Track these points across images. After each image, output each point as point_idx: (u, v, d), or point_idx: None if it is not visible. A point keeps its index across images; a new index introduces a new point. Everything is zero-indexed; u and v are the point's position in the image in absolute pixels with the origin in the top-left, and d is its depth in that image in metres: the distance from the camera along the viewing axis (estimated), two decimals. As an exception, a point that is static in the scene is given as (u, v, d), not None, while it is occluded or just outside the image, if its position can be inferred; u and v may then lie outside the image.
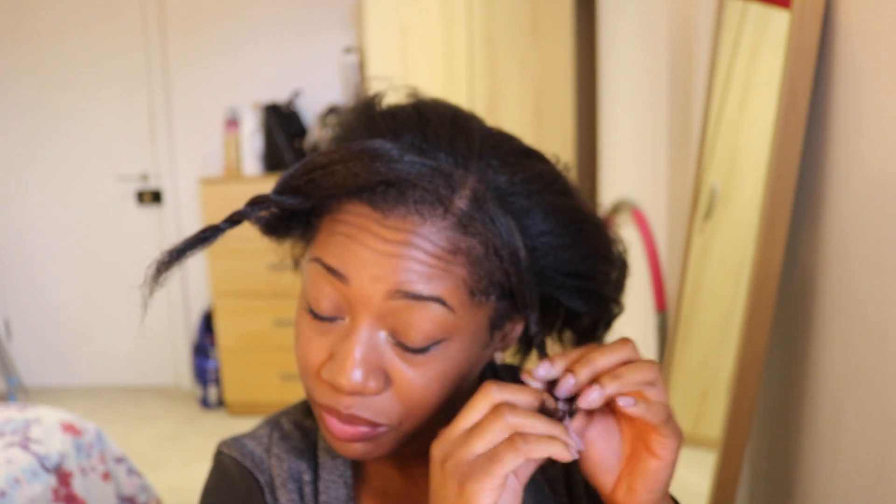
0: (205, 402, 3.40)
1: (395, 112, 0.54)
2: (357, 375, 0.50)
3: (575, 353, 0.48)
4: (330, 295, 0.51)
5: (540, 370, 0.48)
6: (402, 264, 0.49)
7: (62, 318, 3.72)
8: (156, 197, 3.58)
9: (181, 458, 2.92)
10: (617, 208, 2.23)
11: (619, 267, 0.59)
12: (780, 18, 0.97)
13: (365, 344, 0.50)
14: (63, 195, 3.61)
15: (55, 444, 1.67)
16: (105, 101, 3.53)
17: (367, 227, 0.49)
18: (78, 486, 1.67)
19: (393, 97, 0.58)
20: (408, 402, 0.52)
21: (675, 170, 1.63)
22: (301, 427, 0.65)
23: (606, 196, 2.56)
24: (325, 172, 0.50)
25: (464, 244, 0.50)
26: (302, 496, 0.60)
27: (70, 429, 1.75)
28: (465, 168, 0.51)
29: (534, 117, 2.80)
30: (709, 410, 1.17)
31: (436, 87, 2.81)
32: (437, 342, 0.50)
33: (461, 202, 0.50)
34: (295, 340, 0.55)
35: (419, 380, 0.51)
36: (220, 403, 3.39)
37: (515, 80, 2.80)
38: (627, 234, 2.09)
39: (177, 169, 3.55)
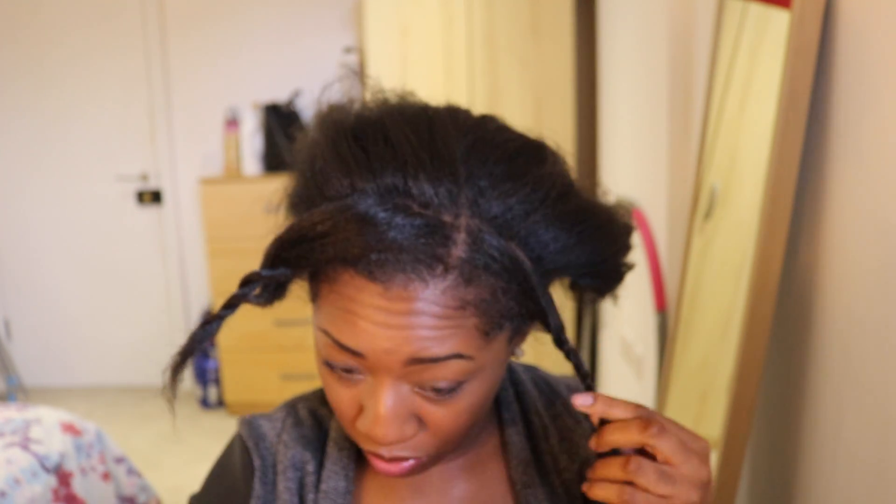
0: (205, 402, 3.40)
1: (366, 146, 0.50)
2: (391, 431, 0.51)
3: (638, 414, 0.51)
4: (346, 361, 0.51)
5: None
6: (413, 334, 0.48)
7: (62, 318, 3.72)
8: (156, 197, 3.57)
9: (181, 458, 2.92)
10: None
11: (624, 234, 0.57)
12: (780, 18, 0.97)
13: (392, 399, 0.51)
14: (63, 195, 3.61)
15: (55, 444, 1.67)
16: (105, 100, 3.53)
17: (369, 302, 0.48)
18: (78, 486, 1.67)
19: (357, 104, 0.55)
20: (443, 436, 0.53)
21: (675, 170, 1.63)
22: (315, 415, 0.66)
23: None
24: (314, 245, 0.48)
25: (470, 296, 0.48)
26: (302, 485, 0.61)
27: (70, 429, 1.75)
28: (455, 205, 0.48)
29: (534, 117, 2.80)
30: (709, 410, 1.17)
31: (436, 87, 2.81)
32: (463, 383, 0.51)
33: (458, 251, 0.47)
34: (323, 385, 0.56)
35: (451, 415, 0.52)
36: (220, 403, 3.39)
37: (515, 80, 2.80)
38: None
39: (177, 169, 3.55)
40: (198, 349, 0.52)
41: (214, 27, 3.43)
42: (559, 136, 0.58)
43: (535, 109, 2.81)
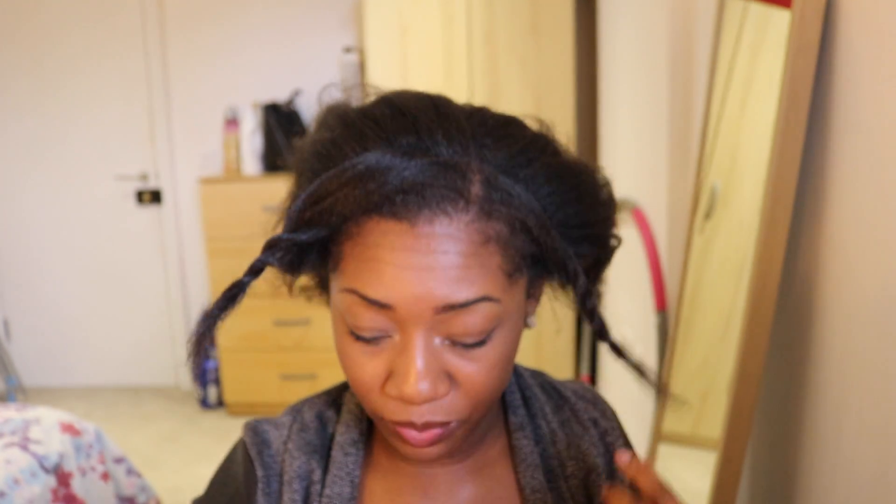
0: (204, 403, 3.40)
1: (377, 117, 0.53)
2: (425, 386, 0.50)
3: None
4: (374, 319, 0.51)
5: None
6: (443, 275, 0.48)
7: (61, 318, 3.72)
8: (155, 197, 3.57)
9: (181, 459, 2.92)
10: (617, 208, 2.22)
11: (610, 205, 0.61)
12: (780, 17, 0.97)
13: (424, 353, 0.50)
14: (62, 195, 3.61)
15: (54, 444, 1.67)
16: (105, 100, 3.53)
17: (397, 244, 0.49)
18: (77, 486, 1.67)
19: (355, 101, 0.57)
20: (475, 395, 0.53)
21: (675, 169, 1.63)
22: (321, 418, 0.65)
23: (606, 196, 2.55)
24: (336, 198, 0.49)
25: (492, 230, 0.50)
26: (308, 494, 0.61)
27: (69, 429, 1.74)
28: (466, 154, 0.51)
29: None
30: (709, 411, 1.17)
31: (436, 86, 2.80)
32: (491, 332, 0.51)
33: (476, 189, 0.50)
34: (345, 366, 0.54)
35: (482, 370, 0.52)
36: (220, 403, 3.39)
37: (515, 80, 2.80)
38: (628, 234, 2.09)
39: (176, 168, 3.55)
40: (222, 316, 0.53)
41: (214, 27, 3.43)
42: (559, 135, 0.59)
43: (536, 108, 2.81)
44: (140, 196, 3.58)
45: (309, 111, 3.32)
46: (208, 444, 3.03)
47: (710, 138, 1.27)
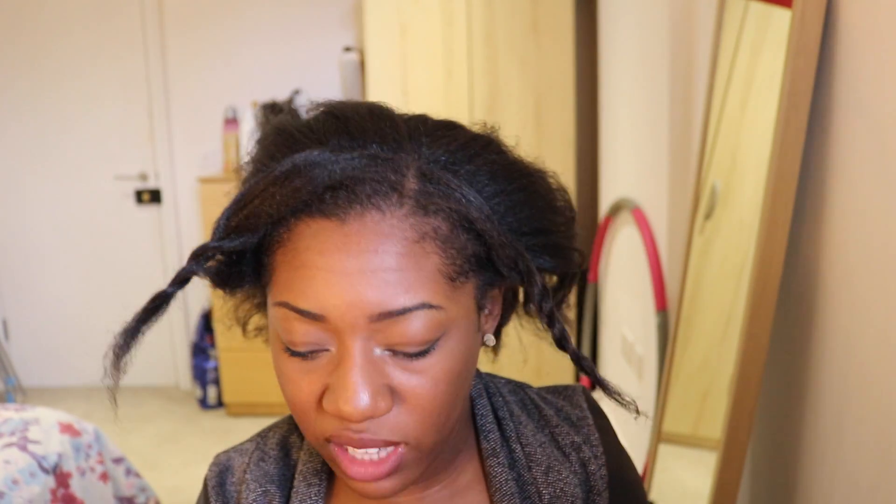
0: (204, 403, 3.39)
1: (311, 124, 0.51)
2: (363, 400, 0.46)
3: None
4: (308, 333, 0.47)
5: None
6: (376, 278, 0.45)
7: (61, 318, 3.71)
8: (155, 196, 3.57)
9: (180, 459, 2.91)
10: (617, 208, 2.22)
11: (567, 215, 0.57)
12: (781, 17, 0.96)
13: (362, 365, 0.46)
14: (62, 195, 3.61)
15: (53, 444, 1.67)
16: (104, 100, 3.53)
17: (328, 245, 0.46)
18: (76, 486, 1.66)
19: (303, 115, 0.55)
20: (420, 412, 0.48)
21: (676, 169, 1.63)
22: (284, 445, 0.62)
23: (607, 196, 2.56)
24: (262, 200, 0.46)
25: (429, 226, 0.47)
26: None
27: (68, 429, 1.74)
28: (401, 151, 0.49)
29: (534, 117, 2.80)
30: (710, 411, 1.17)
31: (436, 86, 2.81)
32: (435, 342, 0.48)
33: (411, 182, 0.47)
34: (281, 386, 0.50)
35: (427, 384, 0.48)
36: (220, 404, 3.38)
37: (515, 80, 2.80)
38: (628, 234, 2.09)
39: (176, 168, 3.55)
40: (143, 329, 0.49)
41: (214, 26, 3.43)
42: (559, 135, 0.58)
43: (536, 109, 2.81)
44: (139, 196, 3.57)
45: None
46: (208, 445, 3.03)
47: (711, 138, 1.27)
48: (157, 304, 0.48)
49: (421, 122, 0.52)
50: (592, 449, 0.62)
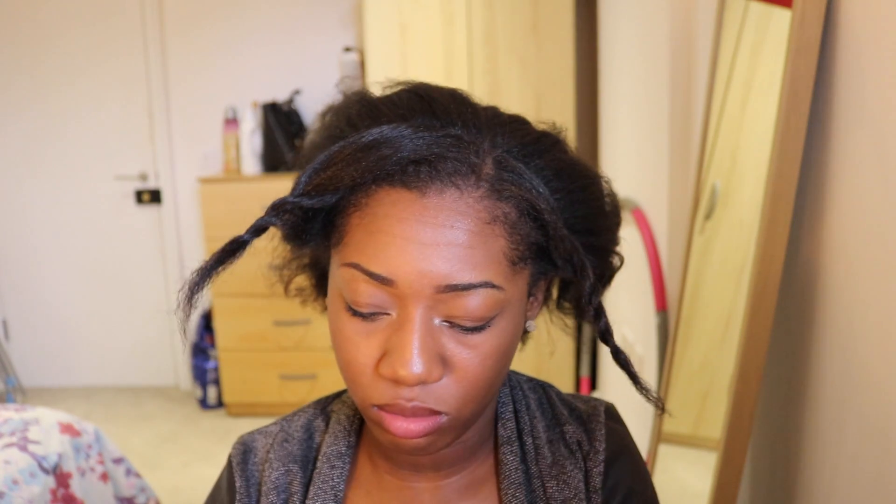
0: (204, 403, 3.39)
1: (396, 99, 0.54)
2: (419, 365, 0.48)
3: None
4: (374, 295, 0.49)
5: None
6: (448, 252, 0.48)
7: (60, 318, 3.71)
8: (155, 196, 3.57)
9: (180, 459, 2.91)
10: (617, 208, 2.22)
11: (614, 220, 0.60)
12: (781, 17, 0.96)
13: (421, 332, 0.49)
14: (62, 195, 3.61)
15: (53, 444, 1.67)
16: (104, 100, 3.53)
17: (406, 213, 0.48)
18: (76, 486, 1.66)
19: (379, 90, 0.57)
20: (467, 385, 0.51)
21: (676, 169, 1.63)
22: (309, 428, 0.64)
23: (606, 196, 2.55)
24: (348, 163, 0.49)
25: (500, 211, 0.50)
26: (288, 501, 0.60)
27: (69, 429, 1.74)
28: (480, 136, 0.52)
29: (534, 117, 2.77)
30: (710, 411, 1.17)
31: (435, 86, 2.81)
32: (491, 319, 0.50)
33: (488, 167, 0.50)
34: (338, 346, 0.53)
35: (478, 358, 0.50)
36: (220, 404, 3.38)
37: (516, 79, 2.80)
38: (628, 234, 2.09)
39: (176, 168, 3.55)
40: (218, 270, 0.52)
41: (214, 26, 3.43)
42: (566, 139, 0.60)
43: (536, 108, 2.81)
44: (139, 196, 3.57)
45: (309, 111, 3.32)
46: (208, 445, 3.03)
47: (711, 138, 1.27)
48: (233, 248, 0.52)
49: (495, 112, 0.56)
50: (593, 444, 0.62)
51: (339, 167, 0.49)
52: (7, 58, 3.53)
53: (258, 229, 0.51)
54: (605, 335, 0.54)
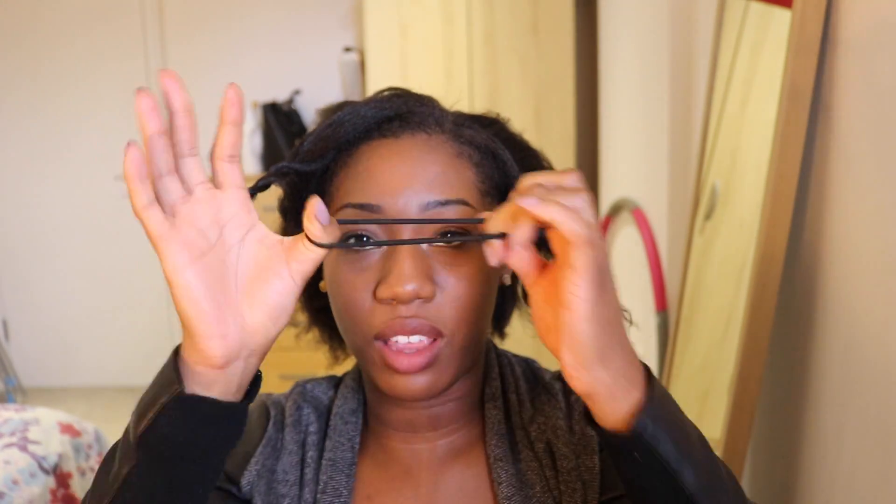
0: (204, 403, 3.40)
1: (370, 99, 0.63)
2: (413, 281, 0.54)
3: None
4: (363, 226, 0.57)
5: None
6: (425, 177, 0.57)
7: (61, 318, 3.71)
8: (155, 197, 3.57)
9: (180, 459, 2.91)
10: (617, 208, 2.22)
11: None
12: (781, 17, 0.96)
13: (411, 253, 0.55)
14: (63, 195, 3.61)
15: (54, 444, 1.67)
16: (105, 102, 3.53)
17: (385, 154, 0.58)
18: (76, 486, 1.66)
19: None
20: (457, 304, 0.57)
21: (676, 169, 1.63)
22: (319, 389, 0.70)
23: (607, 196, 2.56)
24: (334, 129, 0.59)
25: (464, 150, 0.60)
26: (304, 444, 0.65)
27: (69, 429, 1.74)
28: (443, 113, 0.63)
29: (534, 117, 2.80)
30: (710, 411, 1.17)
31: (436, 86, 2.81)
32: (466, 236, 0.57)
33: (449, 124, 0.62)
34: (337, 292, 0.58)
35: (463, 280, 0.57)
36: (220, 404, 3.38)
37: (516, 80, 2.80)
38: (628, 234, 2.09)
39: (176, 169, 3.55)
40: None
41: (214, 26, 3.43)
42: (559, 135, 0.64)
43: (536, 109, 2.81)
44: (140, 196, 3.58)
45: (309, 111, 3.32)
46: (208, 445, 3.03)
47: (711, 138, 1.27)
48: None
49: (457, 112, 0.67)
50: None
51: (327, 133, 0.59)
52: (10, 62, 3.54)
53: (261, 187, 0.56)
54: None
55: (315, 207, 0.45)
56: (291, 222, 0.66)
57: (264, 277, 0.47)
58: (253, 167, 3.21)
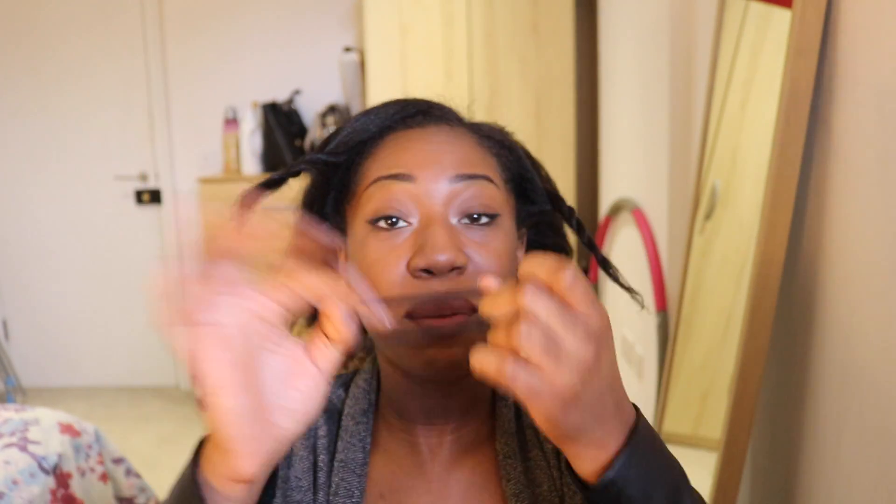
0: (204, 403, 3.40)
1: (393, 102, 0.67)
2: (449, 249, 0.55)
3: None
4: (398, 200, 0.58)
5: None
6: (452, 156, 0.60)
7: (61, 319, 3.71)
8: (155, 197, 3.57)
9: (180, 459, 2.91)
10: (617, 208, 2.22)
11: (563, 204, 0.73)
12: (781, 17, 0.96)
13: (446, 225, 0.58)
14: (62, 195, 3.61)
15: (53, 444, 1.67)
16: (105, 101, 3.53)
17: (413, 139, 0.62)
18: (76, 487, 1.66)
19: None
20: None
21: (676, 169, 1.63)
22: (329, 396, 0.69)
23: (607, 196, 2.56)
24: (363, 123, 0.63)
25: (484, 141, 0.64)
26: (315, 449, 0.65)
27: (69, 429, 1.74)
28: (459, 117, 0.68)
29: (534, 117, 2.80)
30: (710, 411, 1.17)
31: (436, 86, 2.81)
32: (495, 216, 0.60)
33: (466, 122, 0.67)
34: (370, 269, 0.58)
35: (491, 255, 0.58)
36: (220, 404, 3.39)
37: (516, 80, 2.80)
38: (628, 234, 2.09)
39: (176, 168, 3.55)
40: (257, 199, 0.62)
41: (214, 26, 3.43)
42: (559, 135, 0.64)
43: (536, 109, 2.81)
44: (139, 196, 3.57)
45: (309, 111, 3.32)
46: (208, 445, 3.03)
47: (711, 138, 1.27)
48: (267, 185, 0.64)
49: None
50: None
51: (355, 126, 0.63)
52: (9, 60, 3.53)
53: (291, 174, 0.63)
54: (591, 244, 0.66)
55: (339, 316, 0.47)
56: (316, 214, 0.67)
57: (292, 383, 0.47)
58: (253, 167, 3.21)
